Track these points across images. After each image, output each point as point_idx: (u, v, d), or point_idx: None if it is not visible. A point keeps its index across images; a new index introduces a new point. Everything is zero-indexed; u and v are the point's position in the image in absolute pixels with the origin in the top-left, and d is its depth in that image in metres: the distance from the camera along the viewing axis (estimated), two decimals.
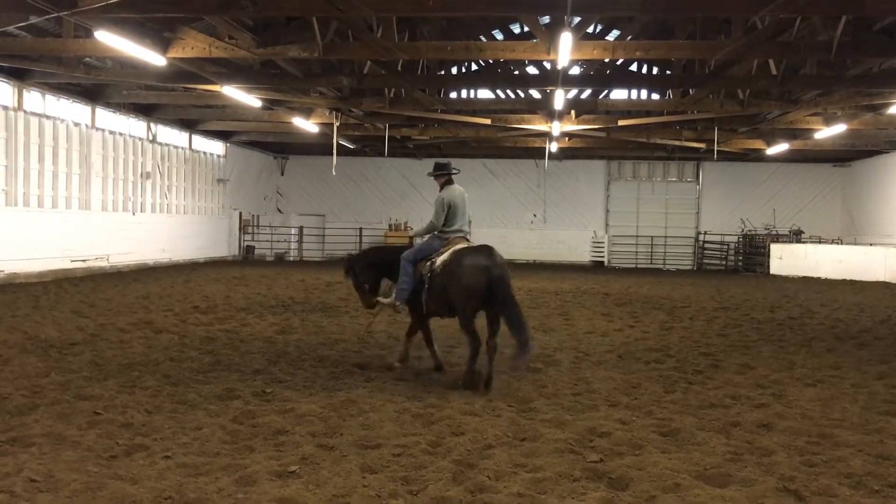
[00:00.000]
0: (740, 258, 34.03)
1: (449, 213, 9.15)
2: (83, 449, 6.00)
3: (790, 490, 5.39)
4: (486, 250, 8.54)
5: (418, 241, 9.79)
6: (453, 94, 26.20)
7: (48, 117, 21.35)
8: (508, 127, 26.16)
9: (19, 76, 19.63)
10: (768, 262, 30.66)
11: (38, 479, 5.28)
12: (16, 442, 6.13)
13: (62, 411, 7.03)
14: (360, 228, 36.06)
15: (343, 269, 9.97)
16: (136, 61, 17.01)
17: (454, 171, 9.64)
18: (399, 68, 18.80)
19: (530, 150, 32.35)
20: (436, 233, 9.23)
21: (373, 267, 9.68)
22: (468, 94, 27.06)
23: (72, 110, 22.48)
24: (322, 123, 25.31)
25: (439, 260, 8.81)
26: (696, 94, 21.08)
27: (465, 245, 8.97)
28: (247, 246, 34.34)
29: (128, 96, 22.86)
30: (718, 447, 6.37)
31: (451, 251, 8.80)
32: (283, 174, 38.11)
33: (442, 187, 9.44)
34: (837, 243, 31.50)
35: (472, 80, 25.14)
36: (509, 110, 25.75)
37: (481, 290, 8.26)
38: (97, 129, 23.60)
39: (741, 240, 34.08)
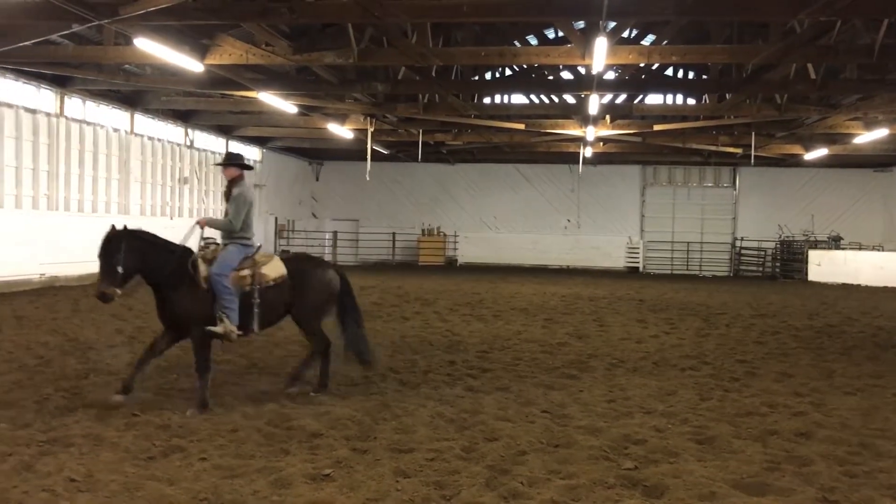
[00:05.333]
0: (778, 265, 33.55)
1: (248, 215, 8.10)
2: (121, 450, 6.09)
3: (830, 501, 5.30)
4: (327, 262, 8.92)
5: (195, 240, 8.06)
6: (487, 100, 26.19)
7: (88, 123, 21.73)
8: (542, 132, 26.08)
9: (61, 83, 20.01)
10: (806, 269, 30.20)
11: (78, 479, 5.37)
12: (56, 442, 6.24)
13: (101, 413, 7.14)
14: (394, 233, 36.17)
15: (107, 240, 7.47)
16: (175, 68, 17.25)
17: (249, 166, 8.63)
18: (433, 74, 18.85)
19: (564, 155, 32.20)
20: (240, 241, 8.03)
21: (138, 253, 7.56)
22: (502, 99, 27.03)
23: (111, 116, 22.86)
24: (356, 129, 25.45)
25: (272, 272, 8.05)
26: (733, 99, 20.84)
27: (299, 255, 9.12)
28: (282, 250, 34.64)
29: (166, 102, 23.17)
30: (755, 456, 6.28)
31: (290, 261, 8.45)
32: (317, 179, 38.39)
33: (235, 182, 8.17)
34: (878, 250, 30.89)
35: (506, 86, 25.11)
36: (543, 115, 25.68)
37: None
38: (136, 134, 23.96)
39: (779, 246, 33.60)
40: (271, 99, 19.86)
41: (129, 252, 7.43)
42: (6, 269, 17.91)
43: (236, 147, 30.61)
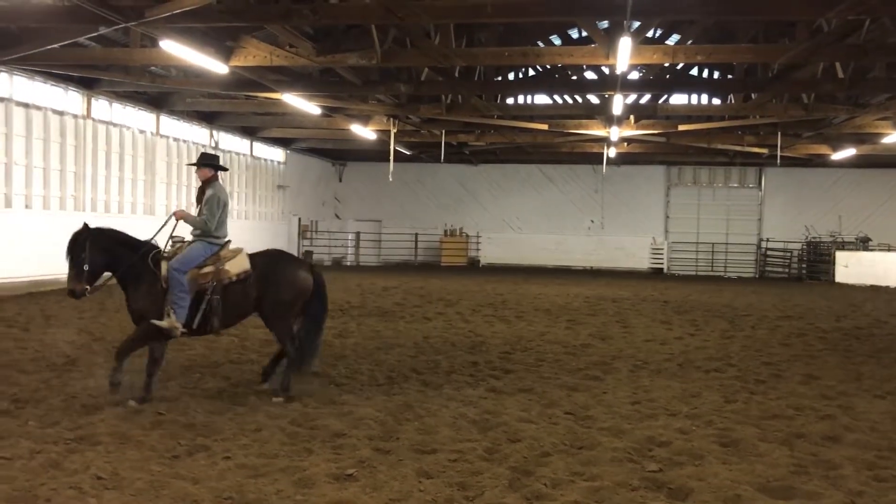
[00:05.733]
0: (804, 266, 33.21)
1: (223, 214, 8.04)
2: (147, 448, 6.14)
3: None
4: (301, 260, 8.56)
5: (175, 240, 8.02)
6: (510, 100, 26.17)
7: (115, 125, 21.98)
8: (566, 132, 26.02)
9: (88, 85, 20.26)
10: (833, 270, 29.86)
11: (105, 477, 5.42)
12: (83, 440, 6.30)
13: (126, 411, 7.20)
14: (416, 234, 36.23)
15: (73, 239, 7.60)
16: (200, 70, 17.42)
17: (224, 168, 8.66)
18: (456, 74, 18.87)
19: (588, 156, 32.10)
20: (208, 240, 7.95)
21: (103, 251, 7.67)
22: (525, 99, 26.99)
23: (137, 118, 23.11)
24: (379, 130, 25.54)
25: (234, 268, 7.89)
26: (759, 99, 20.67)
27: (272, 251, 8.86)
28: (305, 251, 34.81)
29: (191, 104, 23.39)
30: (781, 459, 6.21)
31: (260, 256, 8.28)
32: (340, 180, 38.57)
33: (209, 183, 8.13)
34: None
35: (530, 86, 25.11)
36: (567, 115, 25.63)
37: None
38: (162, 136, 24.20)
39: (805, 247, 33.25)
40: (295, 100, 19.98)
41: (94, 250, 7.54)
42: (34, 268, 18.15)
43: (261, 148, 30.85)
